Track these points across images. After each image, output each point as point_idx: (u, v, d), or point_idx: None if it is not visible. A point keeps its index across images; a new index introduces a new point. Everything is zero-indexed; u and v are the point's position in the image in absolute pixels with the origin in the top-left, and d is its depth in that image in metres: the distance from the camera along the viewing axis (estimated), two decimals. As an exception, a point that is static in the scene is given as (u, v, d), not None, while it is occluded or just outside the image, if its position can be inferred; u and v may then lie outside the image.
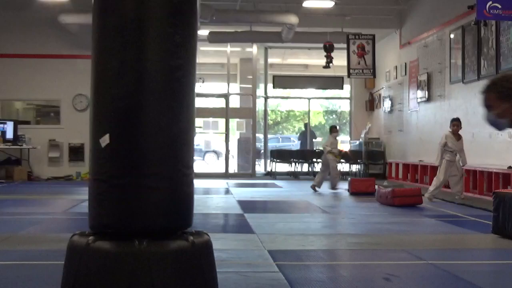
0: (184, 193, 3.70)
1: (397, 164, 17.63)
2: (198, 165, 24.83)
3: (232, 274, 4.87)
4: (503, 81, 3.35)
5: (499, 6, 10.61)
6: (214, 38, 17.79)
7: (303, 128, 24.15)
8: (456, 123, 12.08)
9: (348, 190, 13.57)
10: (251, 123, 20.44)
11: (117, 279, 3.42)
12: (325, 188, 14.93)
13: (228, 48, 19.94)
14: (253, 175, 19.84)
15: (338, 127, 15.23)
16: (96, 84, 3.65)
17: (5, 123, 17.10)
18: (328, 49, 17.02)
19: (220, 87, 21.83)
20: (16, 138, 16.99)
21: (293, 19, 16.25)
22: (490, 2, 10.56)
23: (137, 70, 3.53)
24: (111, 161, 3.54)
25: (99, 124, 3.61)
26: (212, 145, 30.95)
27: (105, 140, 3.51)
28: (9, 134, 16.95)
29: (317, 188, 13.77)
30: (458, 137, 11.99)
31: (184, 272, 3.55)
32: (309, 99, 22.45)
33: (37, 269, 5.31)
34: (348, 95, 22.04)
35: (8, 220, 8.67)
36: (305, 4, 16.72)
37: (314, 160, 19.54)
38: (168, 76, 3.58)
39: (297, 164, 19.60)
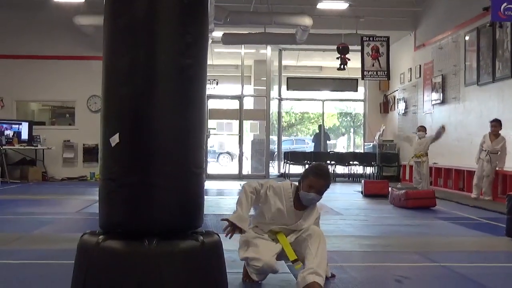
0: (195, 193, 3.71)
1: (411, 167, 17.52)
2: (212, 167, 24.86)
3: (243, 274, 4.85)
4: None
5: (514, 8, 10.55)
6: (228, 40, 17.80)
7: (317, 130, 24.11)
8: (493, 124, 12.15)
9: (362, 192, 13.54)
10: (265, 124, 20.44)
11: (127, 278, 3.42)
12: (339, 189, 14.90)
13: (242, 50, 19.95)
14: (266, 176, 19.83)
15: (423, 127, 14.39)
16: (107, 84, 3.67)
17: (20, 124, 17.23)
18: (341, 51, 16.97)
19: (234, 88, 21.83)
20: (31, 139, 17.10)
21: (307, 20, 16.23)
22: (505, 4, 10.49)
23: (148, 69, 3.54)
24: (121, 160, 3.55)
25: (109, 124, 3.62)
26: (226, 147, 31.00)
27: (115, 139, 3.52)
28: (24, 135, 17.07)
29: None
30: (495, 138, 11.99)
31: (193, 271, 3.55)
32: (323, 101, 22.41)
33: (49, 268, 5.33)
34: (362, 97, 21.98)
35: (21, 219, 8.73)
36: (319, 6, 16.70)
37: (328, 162, 19.51)
38: (178, 75, 3.58)
39: (311, 166, 19.47)
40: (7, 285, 4.67)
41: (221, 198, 12.91)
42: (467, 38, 14.50)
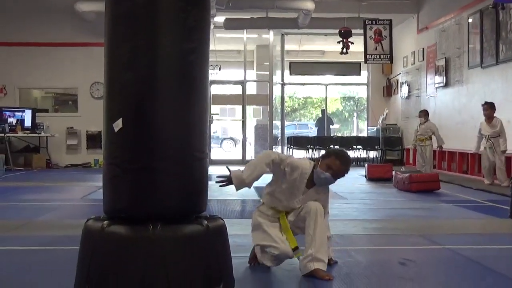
0: (198, 177, 3.70)
1: (414, 150, 17.52)
2: (216, 152, 24.87)
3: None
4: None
5: (518, -11, 10.50)
6: (230, 25, 17.75)
7: (320, 115, 24.09)
8: (484, 107, 11.88)
9: (365, 176, 13.55)
10: (268, 110, 20.42)
11: (131, 263, 3.43)
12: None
13: (245, 35, 19.90)
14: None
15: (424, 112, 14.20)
16: (109, 70, 3.65)
17: (23, 111, 17.25)
18: (344, 35, 16.89)
19: (236, 74, 21.81)
20: (35, 126, 17.13)
21: (309, 4, 16.16)
22: (508, -15, 10.44)
23: (149, 54, 3.52)
24: (124, 145, 3.54)
25: (112, 109, 3.61)
26: (229, 132, 31.01)
27: (118, 124, 3.52)
28: (28, 122, 17.10)
29: None
30: (490, 122, 11.75)
31: (198, 256, 3.55)
32: (326, 85, 22.37)
33: (54, 254, 5.35)
34: (365, 81, 21.93)
35: (26, 206, 8.75)
36: (321, -11, 16.63)
37: (331, 146, 19.49)
38: (180, 60, 3.56)
39: (314, 150, 19.57)
40: (13, 271, 4.69)
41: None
42: (470, 20, 14.43)
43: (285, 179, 4.51)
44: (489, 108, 11.82)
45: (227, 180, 4.39)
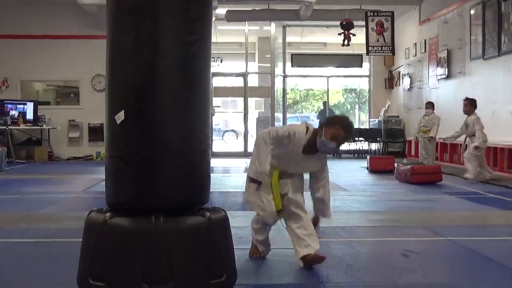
0: (200, 169, 3.71)
1: (416, 142, 17.49)
2: (217, 145, 24.87)
3: (250, 251, 4.87)
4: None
5: (520, -20, 10.45)
6: (232, 17, 17.70)
7: (322, 107, 24.06)
8: (464, 103, 11.42)
9: (367, 168, 13.54)
10: (270, 102, 20.40)
11: (134, 255, 3.44)
12: (345, 166, 14.90)
13: (246, 27, 19.87)
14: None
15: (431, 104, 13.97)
16: (111, 62, 3.65)
17: (25, 104, 17.24)
18: (345, 27, 16.83)
19: (238, 66, 21.77)
20: (36, 119, 17.12)
21: (310, -4, 16.11)
22: (511, -24, 10.40)
23: (152, 46, 3.52)
24: (126, 137, 3.54)
25: (114, 101, 3.61)
26: (231, 125, 30.97)
27: (120, 117, 3.51)
28: (30, 115, 17.08)
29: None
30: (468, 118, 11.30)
31: (200, 248, 3.56)
32: (328, 77, 22.33)
33: (55, 246, 5.36)
34: (367, 73, 21.89)
35: (28, 199, 8.75)
36: (323, -19, 16.56)
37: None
38: (182, 51, 3.56)
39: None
40: (14, 264, 4.70)
41: (227, 175, 12.94)
42: (472, 11, 14.38)
43: (283, 147, 4.52)
44: (468, 104, 11.30)
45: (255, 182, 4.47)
